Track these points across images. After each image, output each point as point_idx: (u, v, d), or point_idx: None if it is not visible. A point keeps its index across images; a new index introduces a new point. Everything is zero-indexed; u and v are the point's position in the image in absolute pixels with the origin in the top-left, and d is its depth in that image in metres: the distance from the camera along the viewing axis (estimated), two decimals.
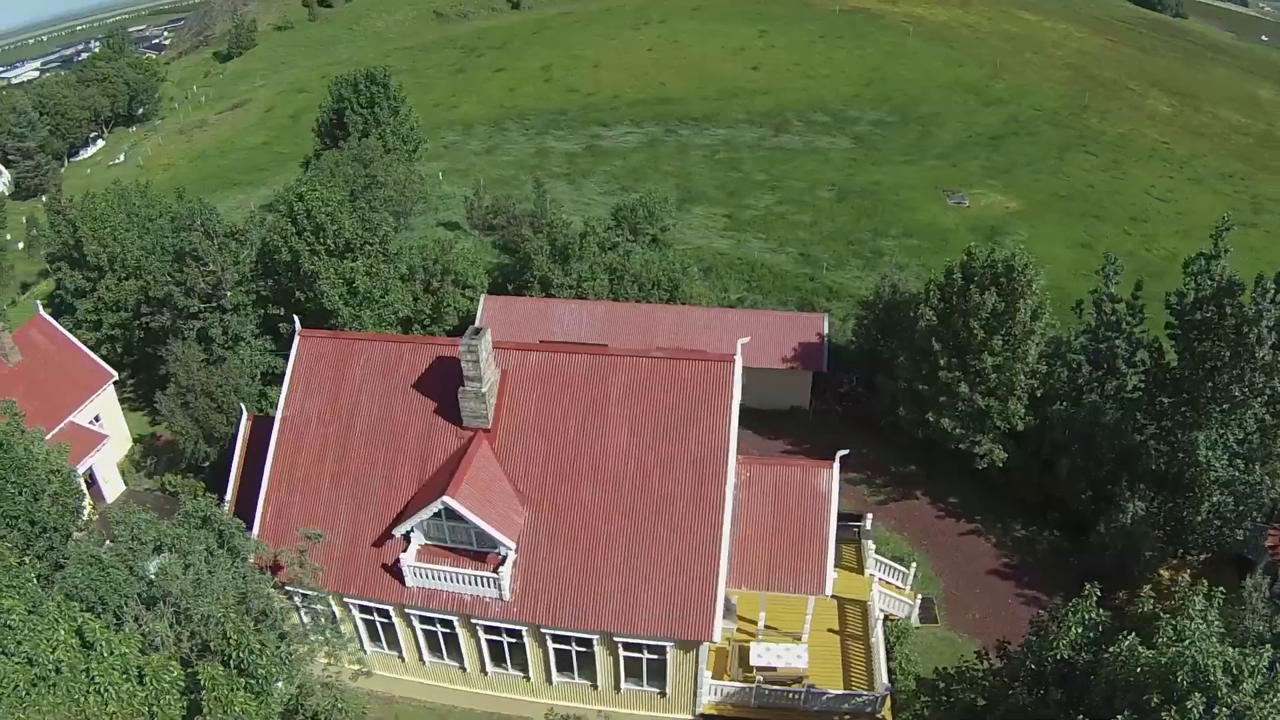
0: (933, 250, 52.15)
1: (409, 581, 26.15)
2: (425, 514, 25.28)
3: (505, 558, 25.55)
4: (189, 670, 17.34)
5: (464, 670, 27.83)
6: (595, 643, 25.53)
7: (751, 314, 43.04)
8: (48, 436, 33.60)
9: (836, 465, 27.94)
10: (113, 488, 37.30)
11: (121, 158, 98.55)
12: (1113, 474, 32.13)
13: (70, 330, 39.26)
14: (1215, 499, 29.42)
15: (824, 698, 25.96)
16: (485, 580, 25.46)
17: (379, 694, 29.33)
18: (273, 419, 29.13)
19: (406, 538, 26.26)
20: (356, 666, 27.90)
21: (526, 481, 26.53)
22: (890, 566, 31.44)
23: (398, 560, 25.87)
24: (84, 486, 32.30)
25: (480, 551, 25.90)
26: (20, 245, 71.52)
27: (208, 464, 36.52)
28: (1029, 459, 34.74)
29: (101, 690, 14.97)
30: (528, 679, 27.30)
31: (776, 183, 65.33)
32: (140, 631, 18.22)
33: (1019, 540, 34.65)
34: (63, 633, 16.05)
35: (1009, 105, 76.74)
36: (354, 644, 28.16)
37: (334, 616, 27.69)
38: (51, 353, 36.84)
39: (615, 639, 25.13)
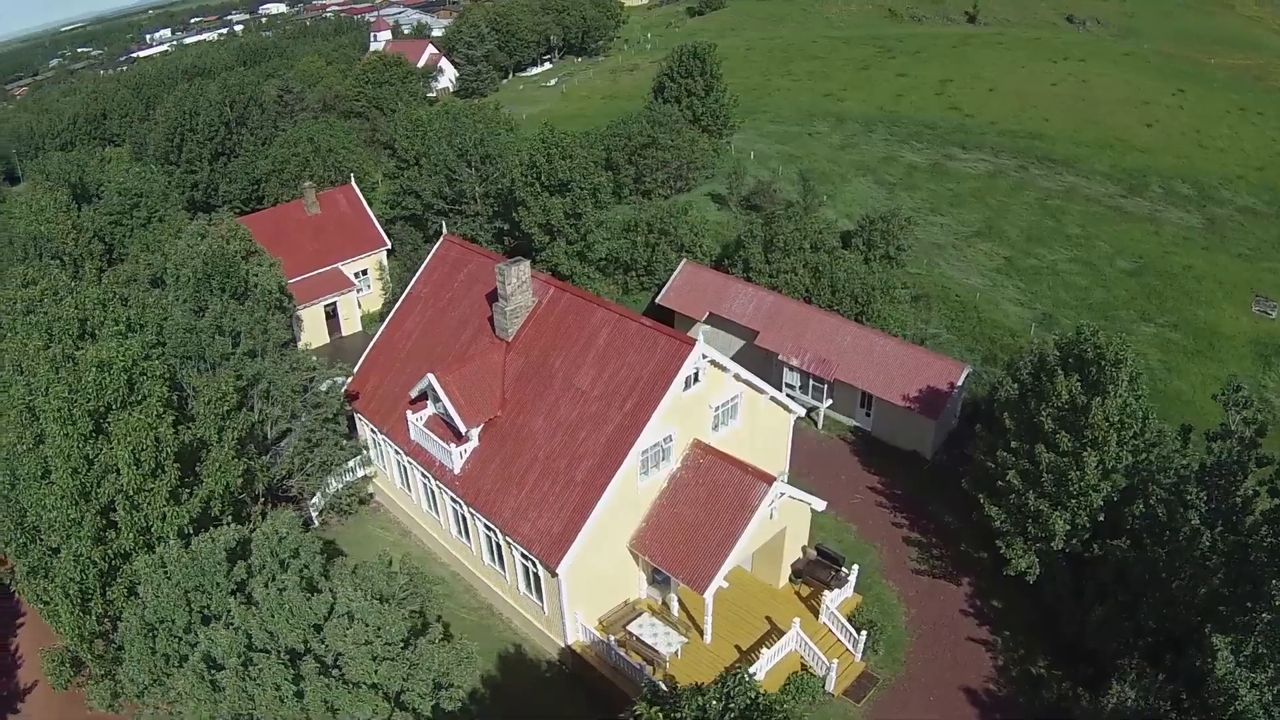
0: (1188, 351, 43.28)
1: (411, 434, 32.79)
2: (422, 384, 31.62)
3: (468, 441, 30.82)
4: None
5: (442, 526, 33.88)
6: (500, 536, 29.73)
7: (896, 345, 41.10)
8: (314, 273, 46.46)
9: (777, 484, 27.92)
10: (350, 325, 49.55)
11: (554, 82, 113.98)
12: (1150, 648, 26.54)
13: (373, 203, 52.11)
14: None
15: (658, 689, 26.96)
16: (447, 453, 31.01)
17: (400, 524, 36.89)
18: None
19: (423, 401, 32.94)
20: (365, 471, 35.94)
21: (512, 392, 31.26)
22: (842, 624, 30.12)
23: None
24: (298, 309, 44.11)
25: (460, 432, 31.43)
26: None
27: None
28: (1076, 590, 29.79)
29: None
30: (473, 553, 32.44)
31: (1084, 240, 57.89)
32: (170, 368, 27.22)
33: (1029, 676, 29.70)
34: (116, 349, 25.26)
35: None
36: (364, 457, 36.44)
37: (375, 442, 35.85)
38: (346, 214, 49.81)
39: (507, 539, 29.08)
